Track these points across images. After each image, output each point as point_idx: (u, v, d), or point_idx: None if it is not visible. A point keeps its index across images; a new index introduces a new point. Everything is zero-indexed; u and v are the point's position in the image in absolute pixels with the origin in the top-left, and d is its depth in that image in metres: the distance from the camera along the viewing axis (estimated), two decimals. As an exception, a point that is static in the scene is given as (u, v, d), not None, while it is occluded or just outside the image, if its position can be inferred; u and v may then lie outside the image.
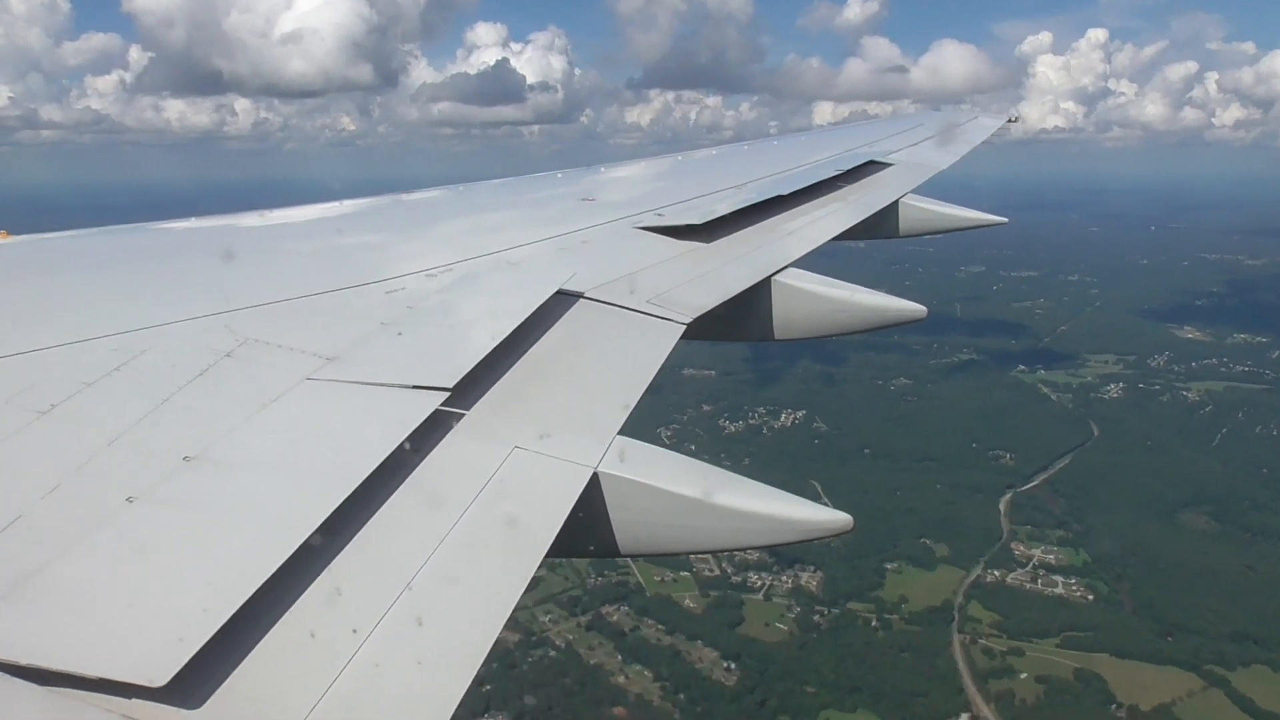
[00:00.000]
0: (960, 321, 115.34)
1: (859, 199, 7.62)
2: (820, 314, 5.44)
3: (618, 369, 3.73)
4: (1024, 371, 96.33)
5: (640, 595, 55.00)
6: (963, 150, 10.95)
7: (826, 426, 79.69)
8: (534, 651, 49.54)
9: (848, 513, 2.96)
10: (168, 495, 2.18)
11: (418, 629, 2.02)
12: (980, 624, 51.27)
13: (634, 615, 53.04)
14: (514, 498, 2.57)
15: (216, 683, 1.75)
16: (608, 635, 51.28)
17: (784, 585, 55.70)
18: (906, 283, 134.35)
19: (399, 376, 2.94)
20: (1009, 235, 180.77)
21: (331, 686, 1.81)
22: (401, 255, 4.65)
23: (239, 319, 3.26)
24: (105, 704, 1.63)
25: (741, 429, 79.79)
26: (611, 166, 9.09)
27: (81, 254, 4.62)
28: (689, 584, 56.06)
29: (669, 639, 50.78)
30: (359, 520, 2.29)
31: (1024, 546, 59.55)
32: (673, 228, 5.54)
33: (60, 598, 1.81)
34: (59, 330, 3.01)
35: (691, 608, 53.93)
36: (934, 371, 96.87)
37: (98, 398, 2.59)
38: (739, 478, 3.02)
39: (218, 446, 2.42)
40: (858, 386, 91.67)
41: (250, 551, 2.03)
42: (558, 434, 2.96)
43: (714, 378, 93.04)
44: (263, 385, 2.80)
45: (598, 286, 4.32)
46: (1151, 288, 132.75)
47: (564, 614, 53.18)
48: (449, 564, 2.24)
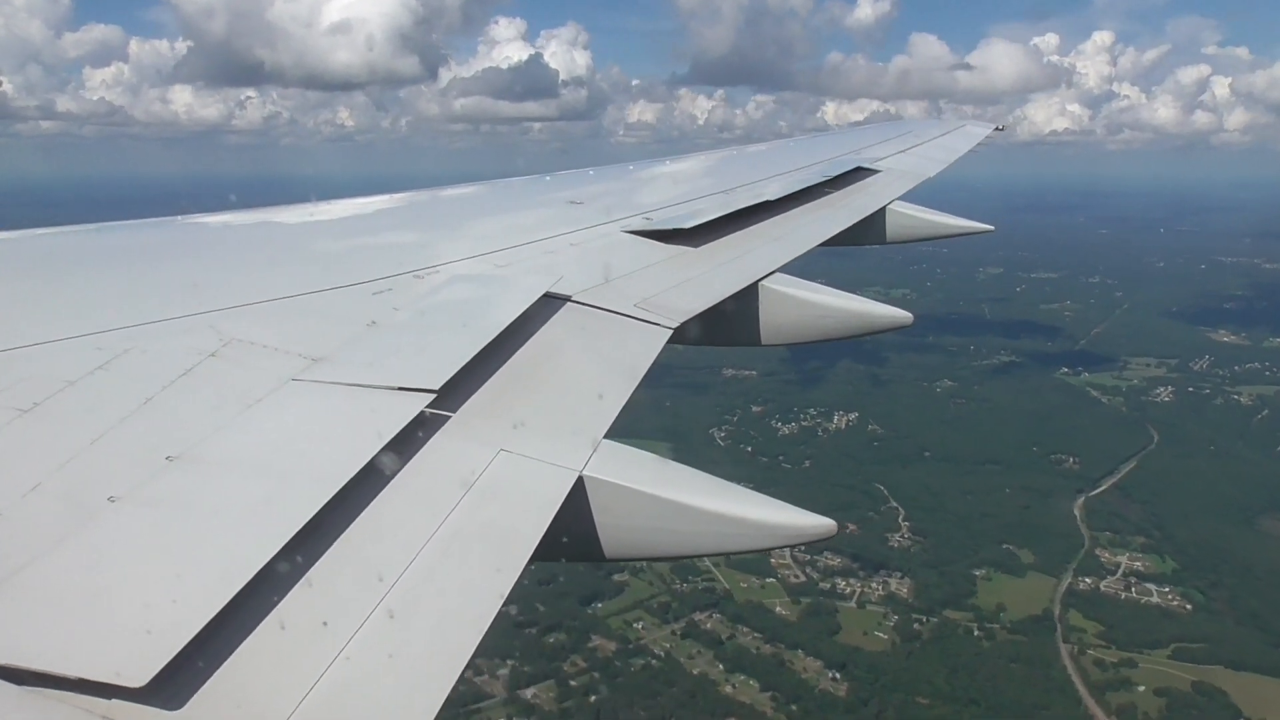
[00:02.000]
0: (991, 323, 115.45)
1: (846, 205, 7.65)
2: (807, 319, 5.44)
3: (605, 372, 3.71)
4: (1068, 374, 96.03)
5: (730, 602, 53.88)
6: (950, 158, 10.98)
7: (881, 429, 79.08)
8: (633, 660, 48.41)
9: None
10: (150, 495, 2.17)
11: (401, 631, 2.00)
12: (1085, 634, 50.25)
13: (728, 623, 51.85)
14: (499, 500, 2.56)
15: (198, 684, 1.74)
16: (705, 643, 50.12)
17: (875, 592, 54.71)
18: (927, 283, 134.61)
19: (385, 378, 2.93)
20: (1023, 237, 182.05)
21: (314, 688, 1.79)
22: (388, 256, 4.55)
23: (224, 318, 3.24)
24: (85, 704, 1.61)
25: (795, 431, 79.02)
26: (600, 170, 9.07)
27: (64, 251, 4.51)
28: (776, 590, 55.01)
29: (768, 647, 49.60)
30: (343, 522, 2.27)
31: (1108, 553, 58.75)
32: (660, 232, 5.54)
33: (40, 597, 1.79)
34: (41, 328, 2.98)
35: (785, 615, 52.77)
36: (977, 373, 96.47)
37: (80, 397, 2.56)
38: (724, 482, 3.01)
39: (201, 447, 2.41)
40: (903, 388, 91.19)
41: (233, 552, 2.01)
42: (544, 437, 2.96)
43: (755, 378, 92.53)
44: (247, 386, 2.78)
45: (585, 290, 4.32)
46: (1175, 290, 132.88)
47: (656, 621, 52.11)
48: (434, 567, 2.22)
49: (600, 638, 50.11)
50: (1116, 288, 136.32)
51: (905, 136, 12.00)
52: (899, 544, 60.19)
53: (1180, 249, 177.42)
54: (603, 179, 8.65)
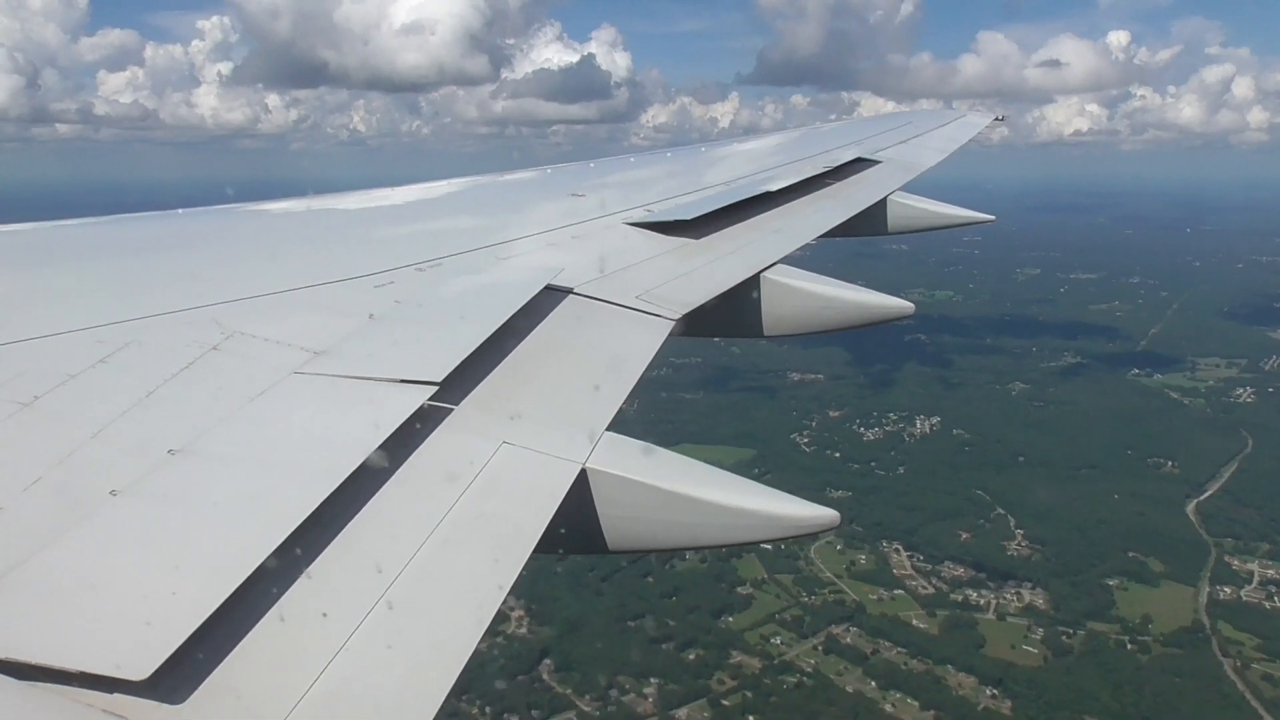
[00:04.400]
0: (1046, 324, 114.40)
1: (848, 196, 7.63)
2: (809, 310, 5.43)
3: (607, 365, 3.69)
4: (1140, 375, 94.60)
5: (864, 614, 51.81)
6: (950, 148, 10.94)
7: (966, 433, 77.27)
8: (783, 677, 46.16)
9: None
10: (152, 489, 2.16)
11: (403, 624, 1.99)
12: (1243, 646, 48.32)
13: (867, 637, 49.74)
14: (502, 493, 2.56)
15: (200, 677, 1.73)
16: (850, 658, 48.07)
17: (1010, 604, 52.73)
18: (969, 285, 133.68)
19: (387, 370, 2.91)
20: (1049, 238, 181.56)
21: (316, 681, 1.78)
22: (390, 249, 4.53)
23: (226, 311, 3.23)
24: (86, 698, 1.60)
25: (880, 436, 77.11)
26: (601, 162, 9.02)
27: (67, 244, 4.52)
28: (907, 602, 53.12)
29: (915, 663, 47.51)
30: (345, 515, 2.26)
31: (1237, 560, 56.92)
32: (662, 224, 5.53)
33: (42, 591, 1.78)
34: (43, 321, 2.97)
35: (924, 628, 50.69)
36: (1047, 375, 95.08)
37: (82, 390, 2.55)
38: (727, 474, 3.00)
39: (203, 440, 2.39)
40: (976, 391, 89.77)
41: (235, 545, 2.00)
42: (546, 429, 2.96)
43: (824, 382, 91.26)
44: (249, 378, 2.77)
45: (587, 282, 4.29)
46: (1220, 290, 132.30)
47: (793, 635, 50.11)
48: (436, 560, 2.21)
49: (740, 653, 48.12)
50: (1159, 288, 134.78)
51: (905, 127, 11.93)
52: (1017, 552, 58.34)
53: (1211, 249, 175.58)
54: (604, 171, 8.61)
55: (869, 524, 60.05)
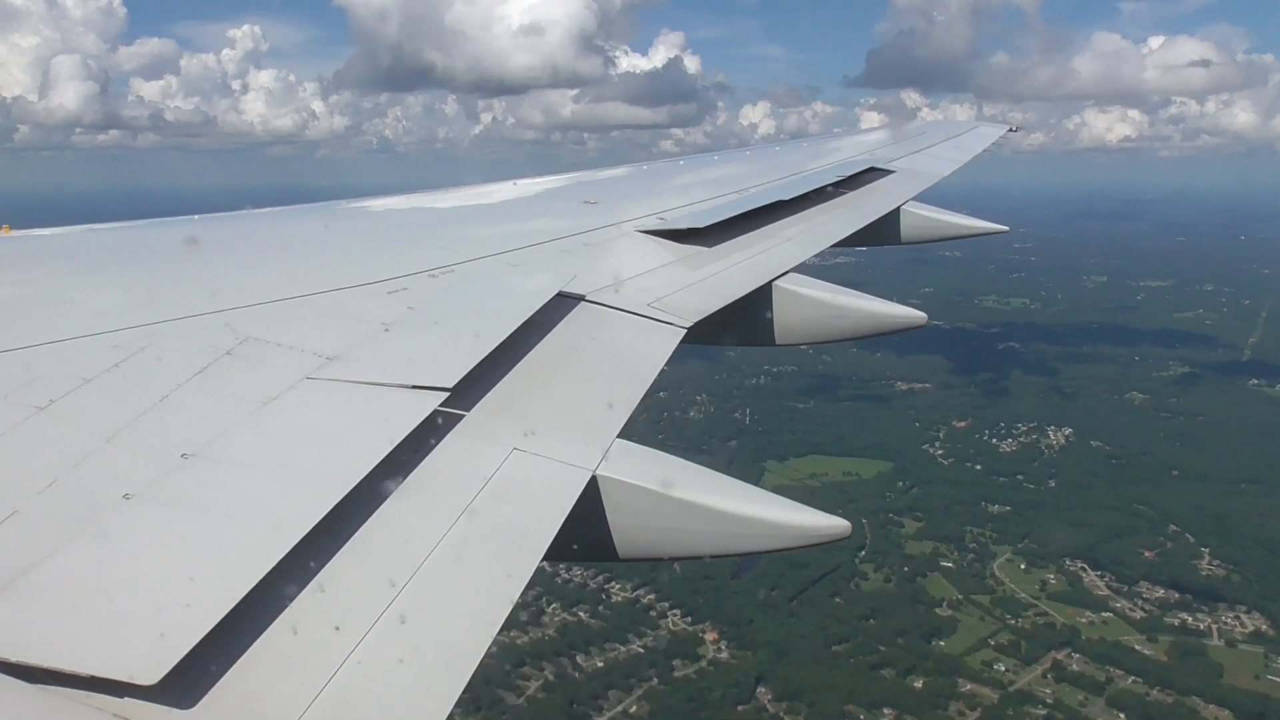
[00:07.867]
0: (1139, 332, 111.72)
1: (861, 205, 7.59)
2: (821, 319, 5.40)
3: (618, 372, 3.68)
4: (1261, 385, 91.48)
5: (1079, 639, 49.17)
6: (964, 158, 10.92)
7: (1106, 445, 74.78)
8: (1025, 708, 42.98)
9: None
10: (165, 493, 2.15)
11: (412, 630, 1.99)
12: None
13: (1095, 664, 46.96)
14: (512, 499, 2.54)
15: (210, 682, 1.72)
16: (1085, 688, 45.42)
17: (1233, 628, 49.65)
18: (1042, 293, 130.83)
19: (399, 376, 2.91)
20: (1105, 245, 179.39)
21: (325, 687, 1.78)
22: (403, 255, 4.52)
23: (240, 317, 3.22)
24: (97, 702, 1.60)
25: (1016, 447, 75.11)
26: (614, 170, 9.03)
27: (83, 250, 4.54)
28: (1121, 626, 50.50)
29: (1159, 693, 44.56)
30: (356, 520, 2.25)
31: None
32: (674, 231, 5.50)
33: (53, 595, 1.78)
34: (58, 326, 2.97)
35: (1149, 654, 47.71)
36: (1163, 385, 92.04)
37: (96, 394, 2.54)
38: (737, 482, 2.97)
39: (216, 445, 2.38)
40: (1095, 400, 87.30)
41: (246, 550, 2.00)
42: (557, 436, 2.94)
43: (933, 391, 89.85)
44: (262, 384, 2.76)
45: (599, 289, 4.28)
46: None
47: (1015, 662, 47.40)
48: (446, 565, 2.21)
49: (968, 680, 45.39)
50: (1237, 295, 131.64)
51: (919, 137, 11.99)
52: (1211, 572, 55.60)
53: (1274, 256, 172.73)
54: (617, 179, 8.63)
55: (1043, 540, 58.06)
